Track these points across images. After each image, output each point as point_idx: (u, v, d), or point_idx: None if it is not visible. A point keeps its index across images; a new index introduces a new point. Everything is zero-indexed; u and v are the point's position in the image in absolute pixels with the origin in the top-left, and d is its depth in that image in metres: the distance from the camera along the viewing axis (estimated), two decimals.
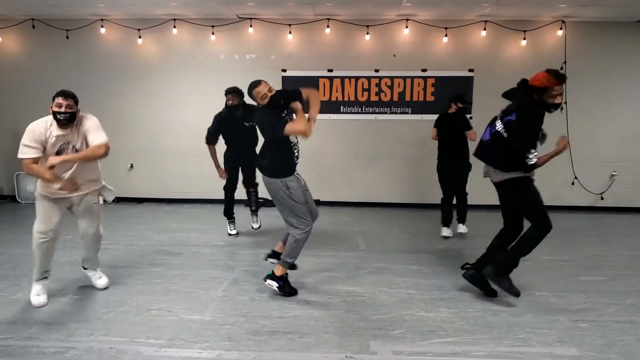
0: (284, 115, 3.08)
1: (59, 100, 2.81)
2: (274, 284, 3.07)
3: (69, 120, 2.82)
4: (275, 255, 3.28)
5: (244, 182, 4.73)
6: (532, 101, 2.92)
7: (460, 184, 4.68)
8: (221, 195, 4.78)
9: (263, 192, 4.35)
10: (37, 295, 2.96)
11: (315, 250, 4.08)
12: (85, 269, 3.31)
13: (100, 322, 2.72)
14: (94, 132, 2.85)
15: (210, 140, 4.56)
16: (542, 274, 3.56)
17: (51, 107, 2.84)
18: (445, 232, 4.70)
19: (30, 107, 6.23)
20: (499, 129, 3.07)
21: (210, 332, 2.61)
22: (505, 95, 3.11)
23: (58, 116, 2.80)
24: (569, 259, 4.04)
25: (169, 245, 4.35)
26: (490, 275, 3.04)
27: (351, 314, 2.88)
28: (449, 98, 4.81)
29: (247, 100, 3.75)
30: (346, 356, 2.37)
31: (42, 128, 2.84)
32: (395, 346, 2.47)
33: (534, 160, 2.87)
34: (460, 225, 4.73)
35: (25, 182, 6.40)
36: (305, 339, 2.55)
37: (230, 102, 4.40)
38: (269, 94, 3.06)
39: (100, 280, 3.26)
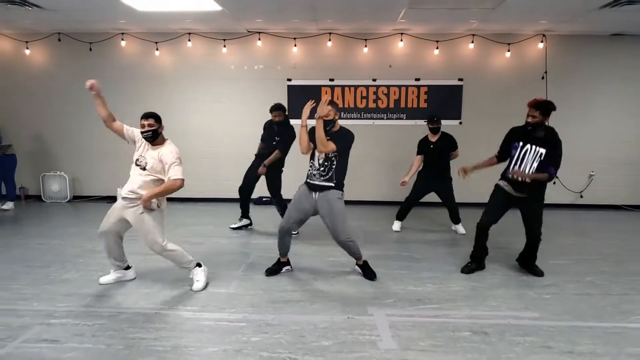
0: None
1: (142, 121, 3.27)
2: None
3: (152, 137, 3.27)
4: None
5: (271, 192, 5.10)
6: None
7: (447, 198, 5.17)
8: (232, 194, 5.30)
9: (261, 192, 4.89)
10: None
11: (320, 240, 4.62)
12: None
13: (142, 295, 3.25)
14: (174, 167, 3.25)
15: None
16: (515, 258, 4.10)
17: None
18: (396, 225, 5.33)
19: (56, 114, 6.84)
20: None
21: (235, 301, 3.15)
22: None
23: (144, 135, 3.26)
24: (543, 247, 4.55)
25: (189, 236, 4.89)
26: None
27: (351, 288, 3.42)
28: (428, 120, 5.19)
29: None
30: (348, 317, 2.90)
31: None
32: (388, 310, 3.01)
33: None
34: (458, 225, 5.24)
35: (50, 183, 6.95)
36: (315, 305, 3.09)
37: (277, 119, 4.87)
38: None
39: (198, 283, 3.39)
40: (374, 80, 6.66)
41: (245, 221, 5.26)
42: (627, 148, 6.65)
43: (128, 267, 3.54)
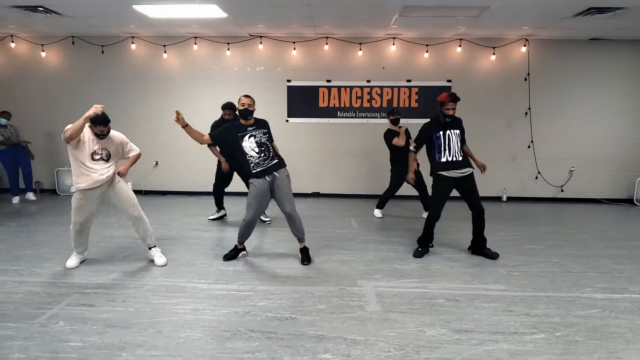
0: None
1: (100, 128, 3.68)
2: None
3: (105, 136, 3.75)
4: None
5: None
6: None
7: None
8: (236, 187, 5.75)
9: None
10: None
11: (316, 227, 5.10)
12: (149, 248, 3.98)
13: (161, 271, 3.72)
14: (129, 145, 3.91)
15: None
16: (495, 244, 4.54)
17: (94, 130, 3.71)
18: (378, 213, 5.91)
19: (69, 112, 7.25)
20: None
21: (243, 275, 3.63)
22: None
23: (100, 137, 3.72)
24: (521, 234, 5.06)
25: (197, 225, 5.35)
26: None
27: (344, 267, 3.89)
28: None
29: None
30: (340, 288, 3.38)
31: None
32: (375, 283, 3.49)
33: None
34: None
35: (64, 177, 7.40)
36: (312, 279, 3.57)
37: (227, 117, 5.13)
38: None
39: (160, 259, 3.90)
40: (368, 81, 7.12)
41: (222, 212, 5.71)
42: (605, 145, 7.11)
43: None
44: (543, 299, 3.25)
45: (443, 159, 4.04)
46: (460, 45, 6.91)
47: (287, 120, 7.19)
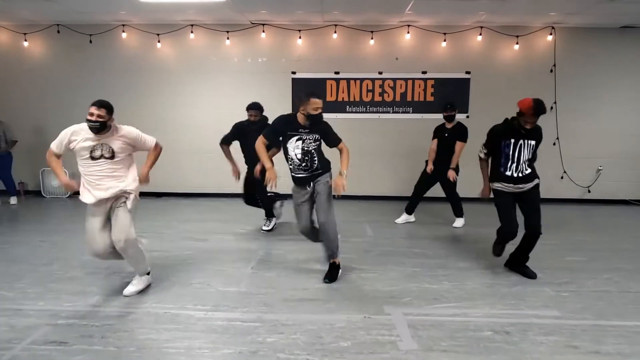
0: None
1: (92, 109, 2.87)
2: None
3: (98, 129, 2.87)
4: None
5: (257, 194, 4.81)
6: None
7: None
8: (236, 189, 5.17)
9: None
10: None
11: None
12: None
13: (151, 295, 3.15)
14: (143, 136, 3.15)
15: (224, 142, 4.76)
16: (532, 256, 4.00)
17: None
18: (402, 219, 5.33)
19: (54, 108, 6.69)
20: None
21: (247, 299, 3.06)
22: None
23: (89, 124, 2.87)
24: (556, 243, 4.51)
25: (195, 232, 4.79)
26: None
27: (365, 286, 3.34)
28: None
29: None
30: (365, 316, 2.82)
31: (70, 132, 2.96)
32: (405, 309, 2.93)
33: None
34: (458, 219, 5.21)
35: (50, 178, 6.82)
36: (329, 304, 3.00)
37: (252, 119, 4.61)
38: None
39: (130, 287, 3.14)
40: (380, 73, 6.55)
41: (274, 221, 4.98)
42: (635, 142, 6.57)
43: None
44: (609, 330, 2.70)
45: (508, 172, 3.43)
46: (480, 34, 6.34)
47: None
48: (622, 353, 2.44)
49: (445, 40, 6.36)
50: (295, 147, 3.31)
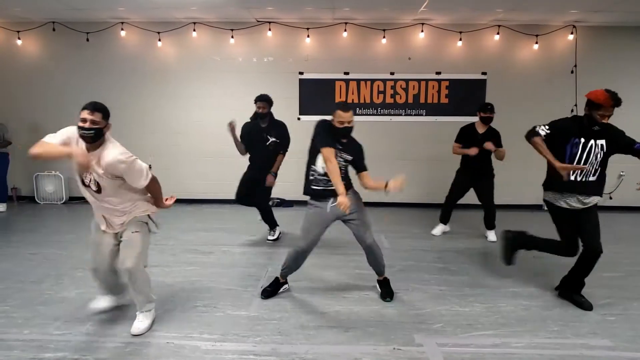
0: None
1: (84, 114, 2.37)
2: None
3: (93, 137, 2.38)
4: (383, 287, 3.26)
5: (256, 202, 4.53)
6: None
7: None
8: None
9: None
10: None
11: (342, 249, 4.21)
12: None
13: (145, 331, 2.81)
14: (134, 170, 2.47)
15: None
16: (561, 270, 3.68)
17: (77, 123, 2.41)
18: (438, 230, 4.92)
19: (49, 109, 6.35)
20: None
21: (259, 327, 2.73)
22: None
23: (81, 132, 2.38)
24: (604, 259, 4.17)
25: (198, 244, 4.45)
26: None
27: (389, 309, 3.01)
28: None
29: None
30: (394, 347, 2.49)
31: (71, 130, 2.49)
32: (438, 339, 2.60)
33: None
34: (491, 232, 4.79)
35: (44, 183, 6.49)
36: (351, 332, 2.67)
37: (260, 110, 4.34)
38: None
39: (139, 323, 2.67)
40: (392, 73, 6.23)
41: (278, 229, 4.70)
42: None
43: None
44: None
45: (571, 177, 2.98)
46: (498, 33, 6.02)
47: (298, 118, 6.28)
48: None
49: (460, 40, 6.05)
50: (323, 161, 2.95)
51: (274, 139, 4.36)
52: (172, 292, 3.22)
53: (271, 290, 3.20)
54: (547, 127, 3.03)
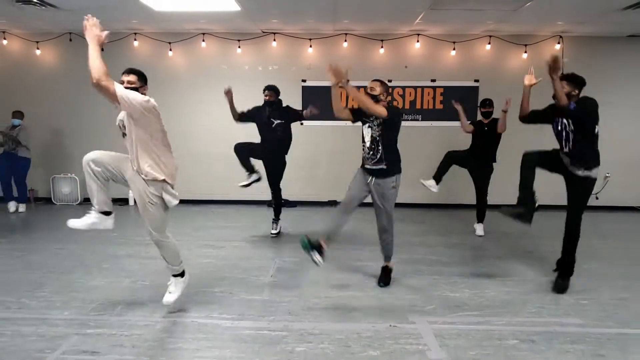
0: None
1: (122, 77, 2.89)
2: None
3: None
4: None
5: (268, 179, 4.95)
6: None
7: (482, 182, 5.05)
8: (243, 196, 5.19)
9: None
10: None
11: (342, 244, 4.55)
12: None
13: (176, 303, 3.16)
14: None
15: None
16: (547, 263, 4.04)
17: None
18: (431, 184, 4.97)
19: (66, 116, 6.72)
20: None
21: (272, 308, 3.08)
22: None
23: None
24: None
25: (210, 240, 4.81)
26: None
27: (386, 294, 3.36)
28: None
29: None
30: (390, 325, 2.84)
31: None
32: (429, 318, 2.96)
33: None
34: (479, 224, 5.15)
35: (61, 185, 6.85)
36: (353, 313, 3.03)
37: (267, 98, 4.81)
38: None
39: (169, 295, 2.96)
40: (390, 81, 6.58)
41: (254, 176, 4.97)
42: None
43: (107, 213, 3.00)
44: (634, 338, 2.74)
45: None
46: (489, 43, 6.41)
47: (301, 123, 6.62)
48: None
49: (454, 49, 6.43)
50: (367, 133, 3.46)
51: (278, 121, 4.78)
52: (192, 281, 3.55)
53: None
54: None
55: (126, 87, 2.80)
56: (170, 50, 6.53)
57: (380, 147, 3.39)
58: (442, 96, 6.62)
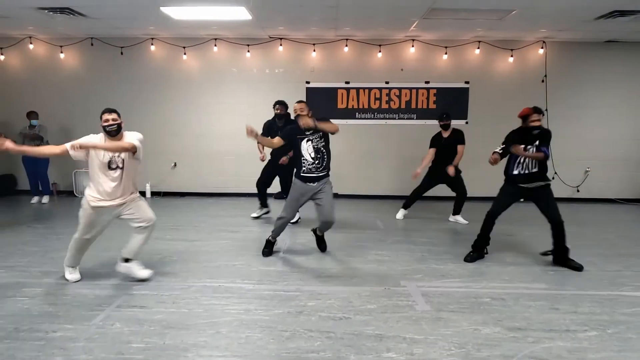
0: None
1: (105, 116, 3.27)
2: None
3: (117, 131, 3.28)
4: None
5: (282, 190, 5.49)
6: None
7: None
8: (254, 189, 5.74)
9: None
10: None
11: (344, 228, 5.14)
12: (126, 261, 3.54)
13: (202, 272, 3.73)
14: (132, 136, 3.34)
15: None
16: (526, 245, 4.60)
17: (101, 124, 3.30)
18: (400, 214, 5.86)
19: (87, 114, 7.26)
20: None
21: (285, 275, 3.66)
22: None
23: (107, 129, 3.25)
24: (546, 236, 5.09)
25: (225, 225, 5.37)
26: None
27: (382, 267, 3.93)
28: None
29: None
30: (385, 287, 3.41)
31: (95, 138, 3.36)
32: (418, 283, 3.52)
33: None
34: (458, 216, 5.76)
35: (83, 179, 7.39)
36: (354, 279, 3.61)
37: (278, 112, 5.30)
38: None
39: (143, 271, 3.52)
40: (387, 82, 7.16)
41: (265, 210, 5.75)
42: (620, 146, 7.19)
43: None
44: (585, 297, 3.30)
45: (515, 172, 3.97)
46: (478, 47, 6.97)
47: None
48: (594, 312, 3.04)
49: (446, 53, 6.99)
50: (307, 147, 3.92)
51: None
52: (215, 257, 4.14)
53: (269, 251, 4.19)
54: (502, 144, 4.01)
55: (111, 125, 3.27)
56: (185, 54, 7.08)
57: (325, 156, 3.96)
58: (435, 97, 7.18)
